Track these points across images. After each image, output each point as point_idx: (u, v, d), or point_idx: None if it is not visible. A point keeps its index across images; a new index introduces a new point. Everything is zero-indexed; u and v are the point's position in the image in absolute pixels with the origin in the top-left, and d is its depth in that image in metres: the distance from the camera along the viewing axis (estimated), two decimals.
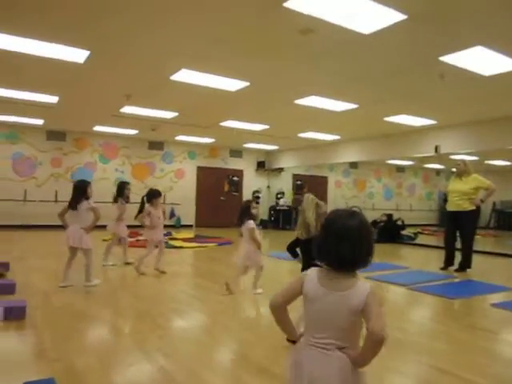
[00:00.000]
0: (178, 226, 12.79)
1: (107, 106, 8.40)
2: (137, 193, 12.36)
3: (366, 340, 1.32)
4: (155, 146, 12.82)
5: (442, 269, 6.52)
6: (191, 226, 13.26)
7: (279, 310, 1.46)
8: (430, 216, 18.59)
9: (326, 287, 1.39)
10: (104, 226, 5.54)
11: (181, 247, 8.17)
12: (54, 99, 7.85)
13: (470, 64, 5.32)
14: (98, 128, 10.98)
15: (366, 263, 1.45)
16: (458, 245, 6.44)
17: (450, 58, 5.17)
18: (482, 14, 4.01)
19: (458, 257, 6.38)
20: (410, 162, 16.01)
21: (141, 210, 5.71)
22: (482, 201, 6.17)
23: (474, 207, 6.21)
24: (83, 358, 2.62)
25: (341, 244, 1.39)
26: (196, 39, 4.85)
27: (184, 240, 9.29)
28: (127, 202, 6.12)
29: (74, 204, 4.50)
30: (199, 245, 8.49)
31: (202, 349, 2.88)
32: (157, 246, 5.61)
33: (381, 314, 1.35)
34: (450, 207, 6.45)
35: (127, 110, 8.54)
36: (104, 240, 8.82)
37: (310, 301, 1.42)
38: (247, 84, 6.50)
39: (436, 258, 8.41)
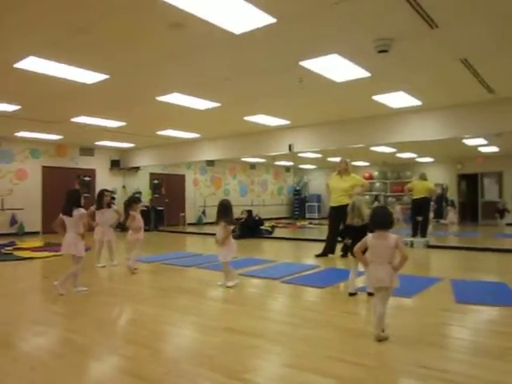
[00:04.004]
0: (21, 233, 11.31)
1: None
2: None
3: (401, 259, 2.97)
4: None
5: (319, 255, 7.15)
6: (37, 232, 11.86)
7: (360, 254, 3.14)
8: (282, 210, 19.95)
9: (377, 239, 3.05)
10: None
11: (31, 258, 7.22)
12: None
13: (326, 70, 5.79)
14: None
15: (392, 226, 3.10)
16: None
17: (308, 64, 5.54)
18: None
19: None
20: (262, 160, 16.85)
21: (127, 215, 6.23)
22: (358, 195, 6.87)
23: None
24: None
25: (384, 219, 3.09)
26: (50, 24, 4.29)
27: (33, 249, 8.22)
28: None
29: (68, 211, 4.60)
30: (52, 254, 7.61)
31: (83, 371, 2.56)
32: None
33: (404, 247, 3.12)
34: (333, 203, 7.13)
35: None
36: None
37: (371, 247, 3.07)
38: (106, 77, 6.04)
39: (295, 249, 9.04)
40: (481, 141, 11.49)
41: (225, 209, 5.00)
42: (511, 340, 3.04)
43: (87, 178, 13.27)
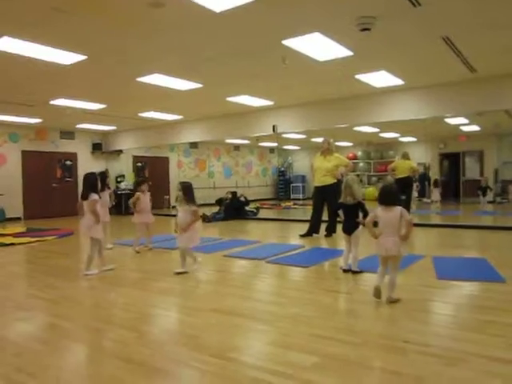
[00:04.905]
0: (3, 219, 11.12)
1: None
2: None
3: (406, 226, 3.31)
4: None
5: (304, 235, 7.18)
6: (19, 218, 11.68)
7: (370, 225, 3.46)
8: (267, 191, 19.97)
9: (385, 211, 3.37)
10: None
11: (12, 244, 7.12)
12: None
13: (309, 49, 5.73)
14: None
15: (399, 202, 3.46)
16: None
17: (291, 42, 5.47)
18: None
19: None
20: (246, 141, 16.77)
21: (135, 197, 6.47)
22: (342, 175, 6.90)
23: (335, 180, 6.97)
24: None
25: (391, 196, 3.44)
26: (25, 3, 4.14)
27: (15, 235, 8.10)
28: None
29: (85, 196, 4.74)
30: (36, 239, 7.52)
31: (69, 356, 2.55)
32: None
33: (408, 215, 3.36)
34: (317, 183, 7.19)
35: None
36: None
37: (380, 218, 3.39)
38: (85, 57, 5.88)
39: (279, 230, 9.08)
40: (462, 120, 11.59)
41: (189, 190, 4.79)
42: (491, 314, 3.11)
43: (69, 162, 13.05)
